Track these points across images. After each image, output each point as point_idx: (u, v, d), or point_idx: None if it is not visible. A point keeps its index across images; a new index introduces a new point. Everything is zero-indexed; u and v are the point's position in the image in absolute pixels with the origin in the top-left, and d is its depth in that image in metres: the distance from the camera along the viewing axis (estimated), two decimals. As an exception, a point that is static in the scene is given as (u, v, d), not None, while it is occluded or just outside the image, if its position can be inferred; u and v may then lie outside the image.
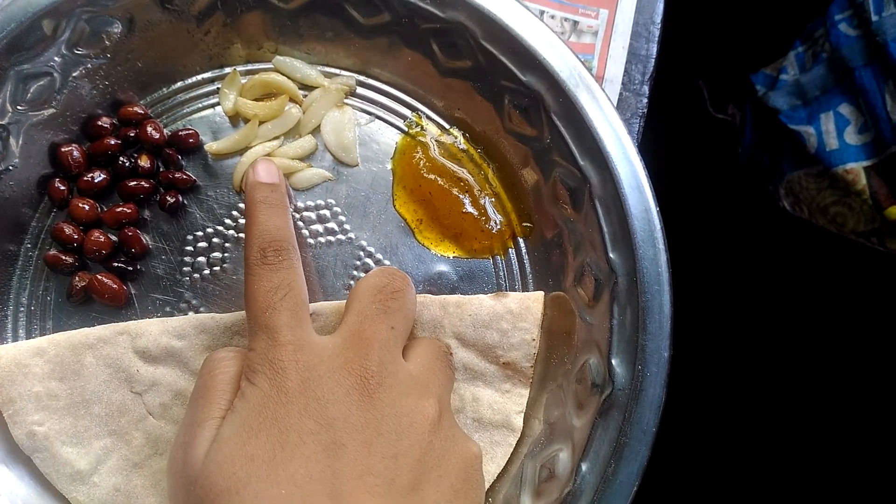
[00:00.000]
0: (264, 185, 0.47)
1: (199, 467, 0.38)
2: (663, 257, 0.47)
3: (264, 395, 0.39)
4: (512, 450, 0.49)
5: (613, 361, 0.46)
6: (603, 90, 0.50)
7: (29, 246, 0.51)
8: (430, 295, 0.50)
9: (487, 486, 0.48)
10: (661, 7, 0.62)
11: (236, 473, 0.37)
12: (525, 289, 0.53)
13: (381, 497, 0.37)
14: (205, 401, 0.41)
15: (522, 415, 0.49)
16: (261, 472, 0.36)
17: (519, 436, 0.49)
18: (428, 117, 0.56)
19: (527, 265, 0.54)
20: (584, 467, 0.45)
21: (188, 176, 0.52)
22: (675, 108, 1.12)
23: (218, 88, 0.55)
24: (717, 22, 1.18)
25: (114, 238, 0.51)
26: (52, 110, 0.50)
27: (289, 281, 0.43)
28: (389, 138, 0.55)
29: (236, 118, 0.55)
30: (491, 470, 0.48)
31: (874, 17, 0.84)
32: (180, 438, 0.41)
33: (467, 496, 0.41)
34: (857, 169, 0.87)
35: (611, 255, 0.48)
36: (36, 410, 0.46)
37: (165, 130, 0.53)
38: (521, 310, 0.50)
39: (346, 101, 0.55)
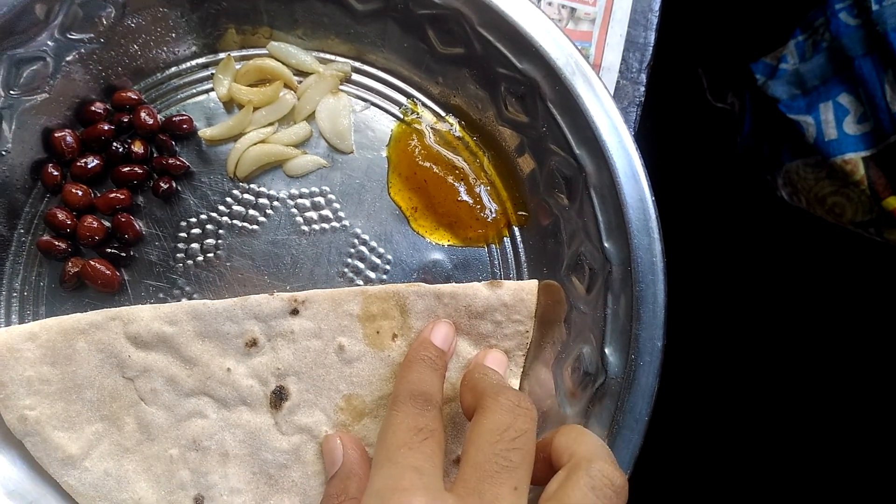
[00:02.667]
0: (434, 346, 0.47)
1: None
2: (658, 247, 0.47)
3: None
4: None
5: (607, 350, 0.46)
6: (600, 78, 0.49)
7: (22, 231, 0.51)
8: (424, 284, 0.50)
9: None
10: (659, -5, 0.61)
11: None
12: (520, 277, 0.53)
13: None
14: None
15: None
16: None
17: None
18: (423, 104, 0.56)
19: (521, 254, 0.54)
20: (576, 456, 0.45)
21: (182, 162, 0.52)
22: (673, 96, 1.11)
23: (212, 74, 0.54)
24: (717, 10, 1.17)
25: (107, 224, 0.51)
26: (45, 95, 0.50)
27: (433, 428, 0.40)
28: (385, 125, 0.55)
29: (230, 104, 0.54)
30: (483, 458, 0.48)
31: (874, 7, 0.84)
32: None
33: None
34: (855, 159, 0.87)
35: (605, 244, 0.48)
36: (28, 395, 0.46)
37: (159, 116, 0.53)
38: (515, 302, 0.50)
39: (341, 87, 0.55)
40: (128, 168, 0.51)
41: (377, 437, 0.42)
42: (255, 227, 0.53)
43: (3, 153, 0.49)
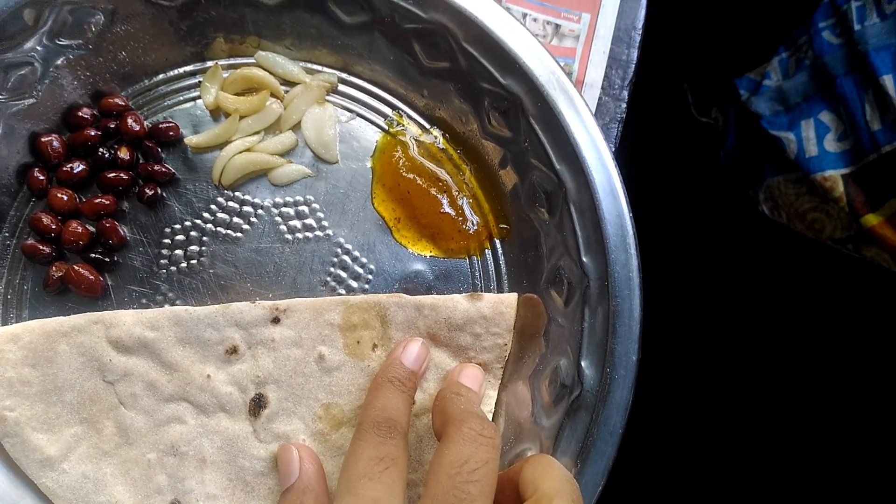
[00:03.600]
0: (404, 367, 0.47)
1: None
2: (635, 262, 0.48)
3: None
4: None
5: (583, 363, 0.47)
6: (581, 95, 0.50)
7: (7, 235, 0.51)
8: (405, 295, 0.51)
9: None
10: (643, 13, 0.62)
11: None
12: (500, 289, 0.54)
13: None
14: None
15: (491, 414, 0.50)
16: None
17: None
18: (409, 116, 0.56)
19: (502, 266, 0.54)
20: (550, 467, 0.46)
21: (167, 168, 0.53)
22: (658, 110, 1.12)
23: (199, 82, 0.55)
24: (702, 25, 1.18)
25: (92, 229, 0.51)
26: (32, 100, 0.50)
27: (394, 456, 0.41)
28: (370, 136, 0.56)
29: (217, 112, 0.55)
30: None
31: (856, 27, 0.85)
32: None
33: None
34: (835, 176, 0.88)
35: (584, 258, 0.49)
36: (7, 396, 0.47)
37: (146, 122, 0.53)
38: (495, 315, 0.50)
39: (327, 98, 0.56)
40: (113, 174, 0.52)
41: (342, 465, 0.42)
42: (238, 234, 0.53)
43: (-11, 156, 0.49)
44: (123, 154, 0.52)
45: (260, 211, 0.54)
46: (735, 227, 1.12)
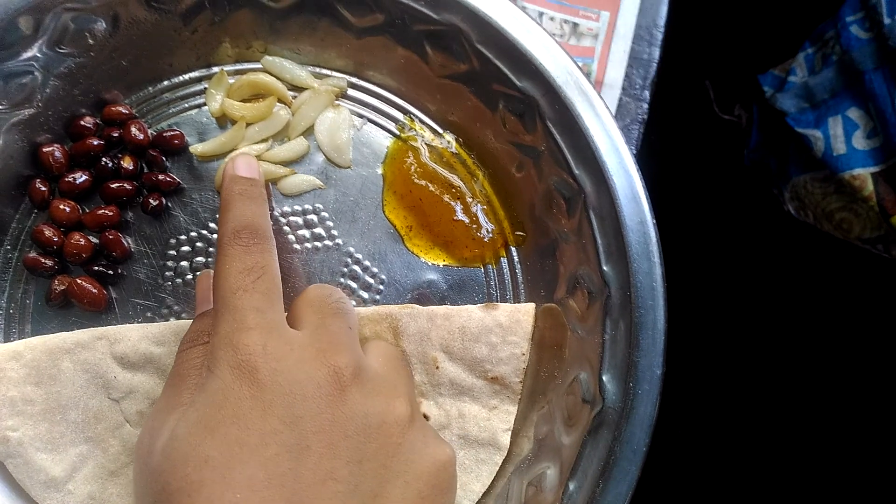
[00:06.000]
0: (243, 178, 0.45)
1: (157, 461, 0.36)
2: (658, 271, 0.45)
3: (225, 387, 0.36)
4: (498, 468, 0.48)
5: (604, 378, 0.45)
6: (601, 96, 0.48)
7: (9, 248, 0.50)
8: (417, 306, 0.49)
9: (471, 504, 0.47)
10: (664, 10, 0.60)
11: (189, 475, 0.34)
12: (516, 299, 0.52)
13: None
14: (174, 388, 0.39)
15: (510, 432, 0.48)
16: (216, 476, 0.34)
17: (505, 454, 0.48)
18: (420, 121, 0.55)
19: (518, 275, 0.52)
20: (571, 486, 0.44)
21: (172, 178, 0.51)
22: (680, 107, 1.10)
23: (205, 88, 0.53)
24: (725, 21, 1.16)
25: (95, 241, 0.50)
26: (33, 109, 0.49)
27: (262, 264, 0.40)
28: (380, 142, 0.54)
29: (223, 119, 0.53)
30: (475, 489, 0.47)
31: (886, 20, 0.82)
32: (149, 423, 0.39)
33: (434, 502, 0.39)
34: (864, 175, 0.85)
35: (604, 267, 0.47)
36: (10, 415, 0.45)
37: (150, 131, 0.52)
38: (511, 323, 0.49)
39: (336, 103, 0.54)
40: (117, 184, 0.50)
41: (212, 286, 0.41)
42: (246, 245, 0.51)
43: (-10, 168, 0.48)
44: (127, 164, 0.51)
45: (268, 220, 0.52)
46: (760, 228, 1.10)
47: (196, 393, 0.38)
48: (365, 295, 0.52)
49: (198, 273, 0.51)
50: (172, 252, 0.51)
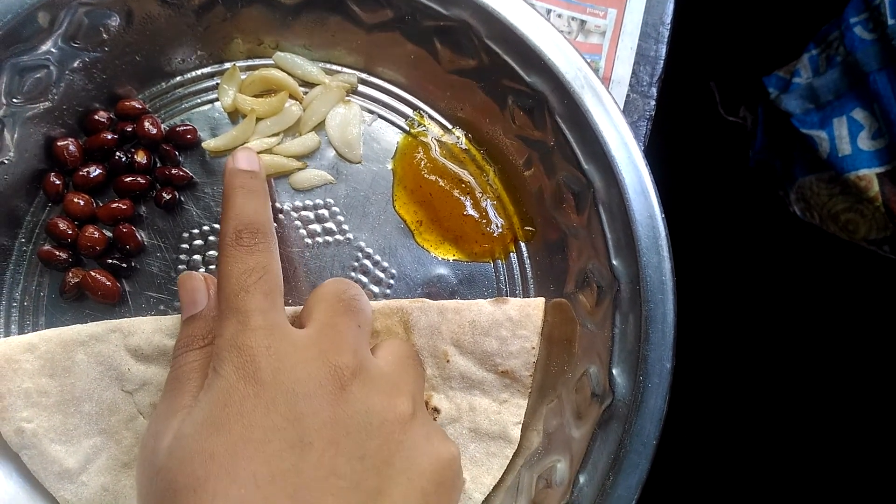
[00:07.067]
0: (243, 171, 0.45)
1: (163, 460, 0.37)
2: (667, 265, 0.46)
3: (230, 386, 0.37)
4: (508, 462, 0.48)
5: (614, 371, 0.45)
6: (609, 92, 0.49)
7: (23, 241, 0.50)
8: (428, 300, 0.49)
9: (482, 497, 0.47)
10: (671, 7, 0.60)
11: (195, 471, 0.35)
12: (526, 294, 0.52)
13: (345, 501, 0.35)
14: (174, 392, 0.40)
15: (520, 426, 0.48)
16: (220, 471, 0.35)
17: (516, 447, 0.48)
18: (430, 117, 0.55)
19: (528, 270, 0.53)
20: (581, 479, 0.44)
21: (185, 172, 0.52)
22: (685, 109, 1.10)
23: (217, 84, 0.54)
24: (729, 22, 1.16)
25: (108, 234, 0.50)
26: (48, 104, 0.49)
27: (264, 264, 0.41)
28: (391, 137, 0.55)
29: (235, 114, 0.54)
30: (486, 482, 0.47)
31: (890, 21, 0.83)
32: (152, 427, 0.40)
33: (438, 500, 0.39)
34: (869, 175, 0.86)
35: (614, 261, 0.47)
36: (25, 407, 0.46)
37: (163, 126, 0.52)
38: (521, 317, 0.49)
39: (347, 98, 0.54)
40: (130, 178, 0.51)
41: (216, 289, 0.42)
42: (257, 239, 0.52)
43: (5, 162, 0.49)
44: (140, 158, 0.51)
45: (280, 215, 0.52)
46: (765, 228, 1.10)
47: (202, 394, 0.38)
48: (375, 289, 0.52)
49: (203, 270, 0.51)
50: (185, 245, 0.51)
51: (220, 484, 0.34)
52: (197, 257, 0.51)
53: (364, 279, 0.52)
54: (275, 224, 0.52)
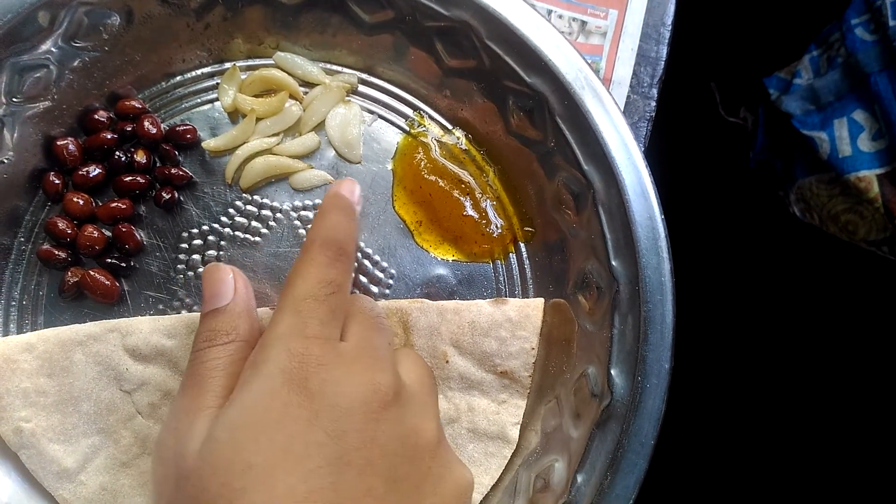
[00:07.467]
0: (345, 197, 0.44)
1: (193, 464, 0.35)
2: (667, 266, 0.46)
3: (272, 390, 0.36)
4: (506, 462, 0.48)
5: (613, 371, 0.45)
6: (610, 93, 0.49)
7: (22, 240, 0.50)
8: (427, 300, 0.49)
9: (480, 497, 0.47)
10: (672, 8, 0.60)
11: (231, 483, 0.33)
12: (525, 294, 0.52)
13: None
14: (195, 389, 0.38)
15: (518, 426, 0.48)
16: (258, 485, 0.33)
17: (514, 447, 0.48)
18: (430, 117, 0.55)
19: (527, 270, 0.53)
20: (579, 479, 0.44)
21: (185, 172, 0.52)
22: (685, 110, 1.10)
23: (217, 84, 0.54)
24: (730, 23, 1.16)
25: (108, 234, 0.50)
26: (47, 103, 0.49)
27: (340, 282, 0.40)
28: (391, 138, 0.55)
29: (235, 114, 0.54)
30: (484, 482, 0.47)
31: (892, 22, 0.83)
32: (172, 423, 0.38)
33: None
34: (869, 176, 0.86)
35: (613, 262, 0.47)
36: (23, 406, 0.46)
37: (163, 125, 0.52)
38: (521, 318, 0.49)
39: (347, 98, 0.54)
40: (130, 177, 0.51)
41: (285, 282, 0.41)
42: (257, 239, 0.52)
43: (5, 161, 0.49)
44: (140, 157, 0.51)
45: (279, 215, 0.52)
46: (766, 230, 1.10)
47: (236, 392, 0.37)
48: (375, 289, 0.52)
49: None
50: (184, 245, 0.51)
51: (256, 498, 0.33)
52: (196, 257, 0.51)
53: (363, 279, 0.52)
54: (274, 224, 0.52)
